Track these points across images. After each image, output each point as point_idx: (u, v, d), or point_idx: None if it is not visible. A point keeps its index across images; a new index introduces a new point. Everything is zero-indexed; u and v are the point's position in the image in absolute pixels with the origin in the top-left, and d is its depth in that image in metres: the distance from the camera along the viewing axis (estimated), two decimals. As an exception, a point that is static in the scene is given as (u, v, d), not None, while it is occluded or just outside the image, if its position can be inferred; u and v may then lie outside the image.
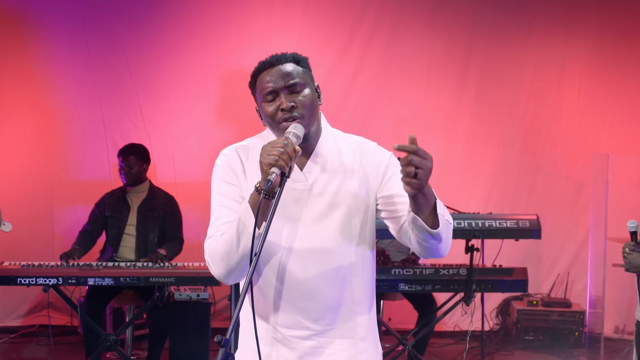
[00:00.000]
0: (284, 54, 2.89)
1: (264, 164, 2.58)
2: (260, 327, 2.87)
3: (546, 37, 9.11)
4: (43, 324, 8.41)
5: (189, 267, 6.43)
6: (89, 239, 7.20)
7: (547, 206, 8.89)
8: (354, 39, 8.93)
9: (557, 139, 9.13)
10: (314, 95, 2.90)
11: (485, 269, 6.64)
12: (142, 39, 8.76)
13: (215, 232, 2.80)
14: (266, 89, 2.83)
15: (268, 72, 2.85)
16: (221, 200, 2.87)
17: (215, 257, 2.75)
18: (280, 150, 2.58)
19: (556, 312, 8.26)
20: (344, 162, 2.93)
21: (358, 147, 2.99)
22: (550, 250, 9.03)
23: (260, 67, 2.89)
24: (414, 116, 8.99)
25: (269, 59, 2.88)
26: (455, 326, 8.80)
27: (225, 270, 2.74)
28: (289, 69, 2.85)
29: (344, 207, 2.86)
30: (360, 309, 2.93)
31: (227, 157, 2.93)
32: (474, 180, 9.06)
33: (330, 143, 2.95)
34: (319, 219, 2.85)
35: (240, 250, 2.67)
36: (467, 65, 9.04)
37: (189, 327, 6.85)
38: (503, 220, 6.47)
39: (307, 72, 2.92)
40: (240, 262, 2.70)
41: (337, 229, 2.85)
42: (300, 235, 2.83)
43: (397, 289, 6.61)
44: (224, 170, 2.91)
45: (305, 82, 2.88)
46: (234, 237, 2.67)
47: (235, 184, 2.88)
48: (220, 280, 2.80)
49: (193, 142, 8.75)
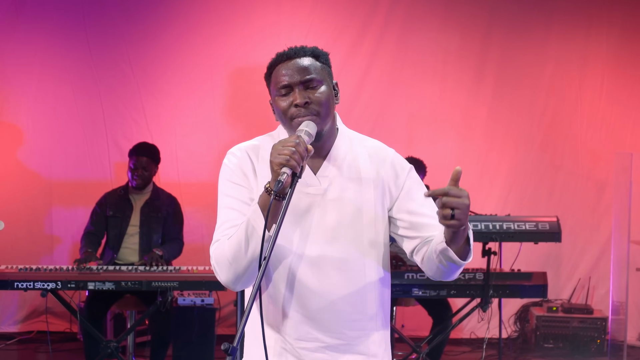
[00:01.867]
0: (303, 47, 2.89)
1: (274, 164, 2.58)
2: (269, 336, 2.85)
3: (567, 31, 9.09)
4: (41, 330, 8.42)
5: (193, 271, 6.42)
6: (95, 241, 7.16)
7: (568, 207, 8.88)
8: (366, 33, 8.92)
9: (578, 138, 9.11)
10: (331, 93, 2.87)
11: (503, 274, 6.63)
12: (144, 32, 8.76)
13: (221, 236, 2.78)
14: (281, 82, 2.82)
15: (285, 64, 2.84)
16: (229, 203, 2.86)
17: (222, 262, 2.74)
18: (292, 149, 2.57)
19: (577, 319, 8.24)
20: (361, 168, 2.91)
21: (376, 154, 2.96)
22: (571, 254, 9.01)
23: (278, 59, 2.88)
24: (428, 114, 8.98)
25: (287, 51, 2.87)
26: (472, 333, 8.79)
27: (233, 275, 2.73)
28: (307, 63, 2.84)
29: (360, 216, 2.86)
30: (374, 324, 2.92)
31: (236, 157, 2.92)
32: (491, 181, 9.05)
33: (346, 146, 2.93)
34: (333, 227, 2.83)
35: (249, 254, 2.66)
36: (484, 60, 9.02)
37: (193, 334, 6.84)
38: (522, 223, 6.46)
39: (325, 68, 2.91)
40: (249, 267, 2.68)
41: (352, 239, 2.84)
42: (312, 242, 2.82)
43: (411, 294, 6.59)
44: (232, 170, 2.89)
45: (323, 78, 2.85)
46: (242, 240, 2.66)
47: (244, 186, 2.87)
48: (228, 286, 2.78)
49: (198, 140, 8.76)
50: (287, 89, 2.81)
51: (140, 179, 7.14)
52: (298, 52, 2.86)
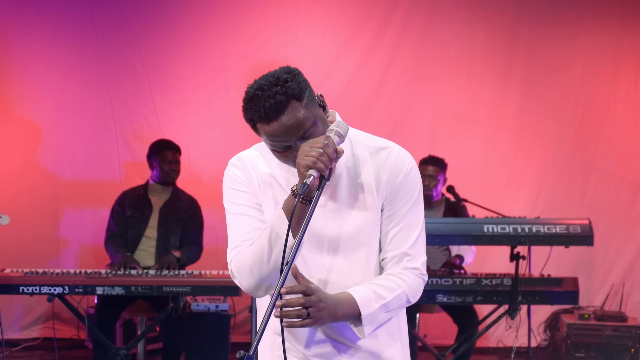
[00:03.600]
0: (278, 100, 2.65)
1: (301, 166, 2.60)
2: (280, 345, 2.86)
3: (599, 22, 9.06)
4: (47, 336, 8.46)
5: (207, 276, 6.43)
6: (123, 243, 7.17)
7: (601, 210, 8.84)
8: (387, 26, 8.92)
9: (611, 136, 9.08)
10: (323, 125, 2.76)
11: (532, 279, 6.62)
12: (155, 26, 8.79)
13: (242, 242, 2.82)
14: (275, 145, 2.73)
15: (270, 126, 2.68)
16: (239, 209, 2.89)
17: (243, 268, 2.78)
18: (320, 150, 2.59)
19: (610, 327, 8.19)
20: (362, 173, 2.89)
21: (377, 154, 2.92)
22: (604, 259, 8.98)
23: (258, 118, 2.74)
24: (453, 111, 8.97)
25: (264, 113, 2.68)
26: (499, 342, 8.77)
27: (255, 282, 2.77)
28: (293, 120, 2.66)
29: (362, 223, 2.87)
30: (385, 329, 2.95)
31: (237, 167, 2.95)
32: (519, 182, 9.03)
33: (347, 150, 2.89)
34: (336, 237, 2.86)
35: (273, 261, 2.70)
36: (511, 54, 9.00)
37: (207, 341, 6.87)
38: (552, 226, 6.44)
39: (308, 103, 2.70)
40: (272, 273, 2.72)
41: (355, 248, 2.87)
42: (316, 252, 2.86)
43: (435, 301, 6.59)
44: (235, 179, 2.93)
45: (313, 120, 2.71)
46: (265, 247, 2.70)
47: (250, 192, 2.90)
48: (249, 293, 2.82)
49: (211, 138, 8.77)
50: (283, 148, 2.73)
51: (175, 173, 7.26)
52: (277, 108, 2.66)
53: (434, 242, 6.52)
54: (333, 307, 2.67)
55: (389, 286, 2.83)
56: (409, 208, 2.90)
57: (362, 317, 2.74)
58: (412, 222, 2.91)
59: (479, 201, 7.42)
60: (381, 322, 2.83)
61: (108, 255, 7.17)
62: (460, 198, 7.41)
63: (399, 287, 2.85)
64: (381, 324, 2.87)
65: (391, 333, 2.98)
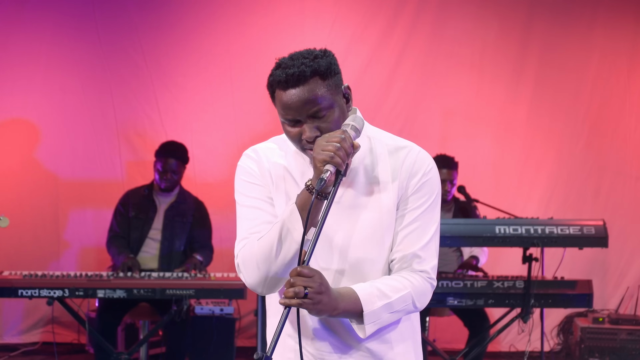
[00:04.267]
0: (303, 70, 2.69)
1: (317, 160, 2.60)
2: (290, 347, 2.88)
3: (615, 19, 9.02)
4: (47, 341, 8.45)
5: (211, 278, 6.40)
6: (126, 245, 7.14)
7: (615, 210, 8.82)
8: (396, 22, 8.89)
9: (626, 135, 9.04)
10: (341, 114, 2.78)
11: (545, 282, 6.58)
12: (158, 22, 8.77)
13: (250, 235, 2.81)
14: (285, 115, 2.75)
15: (287, 93, 2.71)
16: (250, 202, 2.88)
17: (249, 262, 2.77)
18: (337, 145, 2.59)
19: (625, 331, 8.16)
20: (379, 171, 2.87)
21: (395, 153, 2.90)
22: (619, 260, 8.95)
23: (277, 82, 2.74)
24: (464, 109, 8.94)
25: (285, 78, 2.70)
26: (511, 346, 8.75)
27: (260, 278, 2.76)
28: (310, 92, 2.69)
29: (378, 224, 2.84)
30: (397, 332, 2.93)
31: (251, 159, 2.94)
32: (532, 182, 9.00)
33: (364, 147, 2.89)
34: (349, 236, 2.83)
35: (281, 258, 2.69)
36: (524, 51, 8.97)
37: (211, 345, 6.85)
38: (565, 227, 6.41)
39: (331, 85, 2.75)
40: (279, 271, 2.72)
41: (370, 248, 2.84)
42: (328, 252, 2.83)
43: (445, 304, 6.56)
44: (248, 171, 2.92)
45: (331, 103, 2.74)
46: (274, 242, 2.68)
47: (262, 185, 2.89)
48: (252, 288, 2.81)
49: (215, 137, 8.75)
50: (294, 122, 2.75)
51: (169, 183, 7.14)
52: (299, 78, 2.68)
53: (444, 244, 6.46)
54: (334, 298, 2.64)
55: (395, 285, 2.80)
56: (425, 209, 2.86)
57: (364, 314, 2.71)
58: (426, 224, 2.88)
59: (491, 201, 7.40)
60: (385, 323, 2.79)
61: (110, 257, 7.14)
62: (471, 198, 7.38)
63: (404, 288, 2.81)
64: (386, 325, 2.84)
65: (405, 340, 2.95)
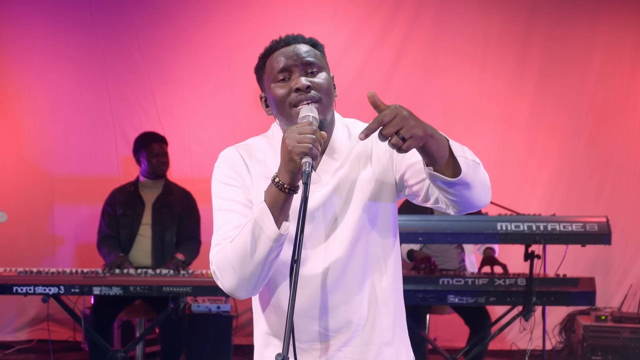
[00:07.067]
0: (300, 35, 2.90)
1: (295, 153, 2.53)
2: (278, 345, 2.91)
3: (619, 13, 9.04)
4: (42, 338, 8.47)
5: (208, 275, 6.39)
6: (117, 244, 7.16)
7: (619, 207, 8.84)
8: (397, 15, 8.90)
9: (630, 130, 9.06)
10: (331, 82, 2.87)
11: (547, 279, 6.59)
12: (155, 15, 8.79)
13: (222, 240, 2.78)
14: (278, 67, 2.81)
15: (281, 50, 2.85)
16: (226, 205, 2.87)
17: (224, 267, 2.73)
18: (312, 137, 2.54)
19: (628, 329, 8.18)
20: (359, 152, 2.90)
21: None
22: (622, 258, 8.98)
23: (272, 47, 2.89)
24: (466, 104, 8.95)
25: (283, 37, 2.88)
26: (513, 344, 8.77)
27: (237, 281, 2.72)
28: (306, 48, 2.85)
29: (363, 201, 2.85)
30: (385, 309, 2.93)
31: (228, 158, 2.93)
32: (534, 178, 9.01)
33: (344, 135, 2.92)
34: (336, 221, 2.84)
35: (256, 258, 2.65)
36: (527, 46, 8.99)
37: (208, 343, 6.86)
38: (568, 224, 6.42)
39: (324, 57, 2.92)
40: (255, 271, 2.68)
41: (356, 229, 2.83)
42: (319, 244, 2.84)
43: (446, 302, 6.56)
44: (224, 172, 2.91)
45: (323, 66, 2.87)
46: (248, 242, 2.65)
47: (240, 186, 2.89)
48: (231, 293, 2.77)
49: (213, 133, 8.77)
50: (286, 74, 2.81)
51: (164, 165, 7.21)
52: (296, 38, 2.88)
53: (445, 241, 6.50)
54: (421, 120, 2.56)
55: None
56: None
57: (450, 143, 2.60)
58: None
59: (493, 198, 7.38)
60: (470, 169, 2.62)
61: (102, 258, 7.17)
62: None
63: None
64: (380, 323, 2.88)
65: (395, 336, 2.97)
